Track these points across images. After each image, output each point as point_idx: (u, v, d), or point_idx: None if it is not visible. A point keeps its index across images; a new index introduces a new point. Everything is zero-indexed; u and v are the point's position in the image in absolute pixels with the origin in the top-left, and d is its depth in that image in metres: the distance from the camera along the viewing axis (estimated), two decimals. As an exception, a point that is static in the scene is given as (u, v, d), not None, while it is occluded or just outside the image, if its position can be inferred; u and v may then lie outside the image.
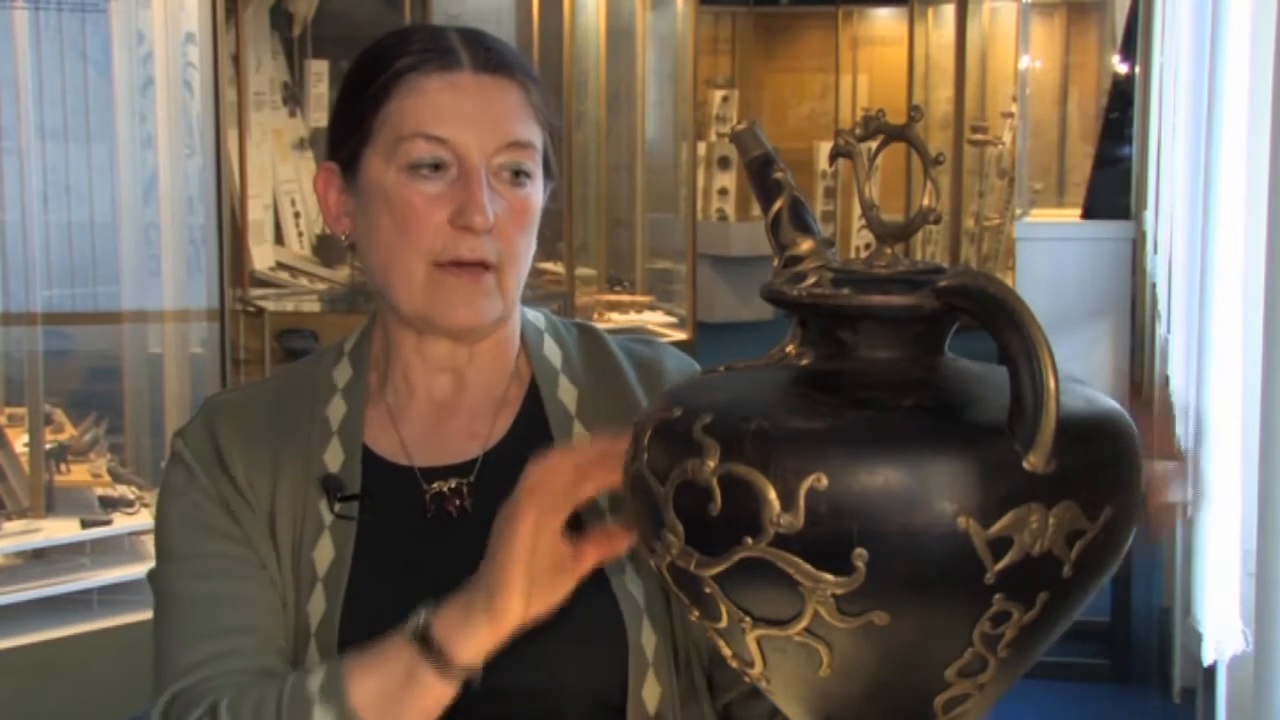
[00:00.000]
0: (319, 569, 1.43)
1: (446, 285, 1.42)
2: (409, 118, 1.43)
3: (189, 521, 1.46)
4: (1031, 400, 0.94)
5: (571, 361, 1.53)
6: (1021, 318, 0.95)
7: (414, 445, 1.49)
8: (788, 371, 1.06)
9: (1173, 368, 4.75)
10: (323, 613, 1.42)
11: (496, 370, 1.51)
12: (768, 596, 0.99)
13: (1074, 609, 1.03)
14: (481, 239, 1.41)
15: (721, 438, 0.99)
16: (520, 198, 1.44)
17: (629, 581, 1.42)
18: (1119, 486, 1.00)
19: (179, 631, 1.44)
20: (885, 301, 1.02)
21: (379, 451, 1.49)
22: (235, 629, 1.43)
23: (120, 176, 4.77)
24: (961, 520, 0.95)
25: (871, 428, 0.97)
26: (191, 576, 1.45)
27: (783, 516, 0.96)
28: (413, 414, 1.51)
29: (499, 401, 1.51)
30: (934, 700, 1.02)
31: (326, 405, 1.50)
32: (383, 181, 1.44)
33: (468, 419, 1.50)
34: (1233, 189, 2.69)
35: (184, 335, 4.86)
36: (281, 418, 1.50)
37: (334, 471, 1.46)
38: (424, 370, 1.50)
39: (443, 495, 1.47)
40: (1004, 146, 11.38)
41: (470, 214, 1.40)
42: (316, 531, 1.45)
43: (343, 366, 1.53)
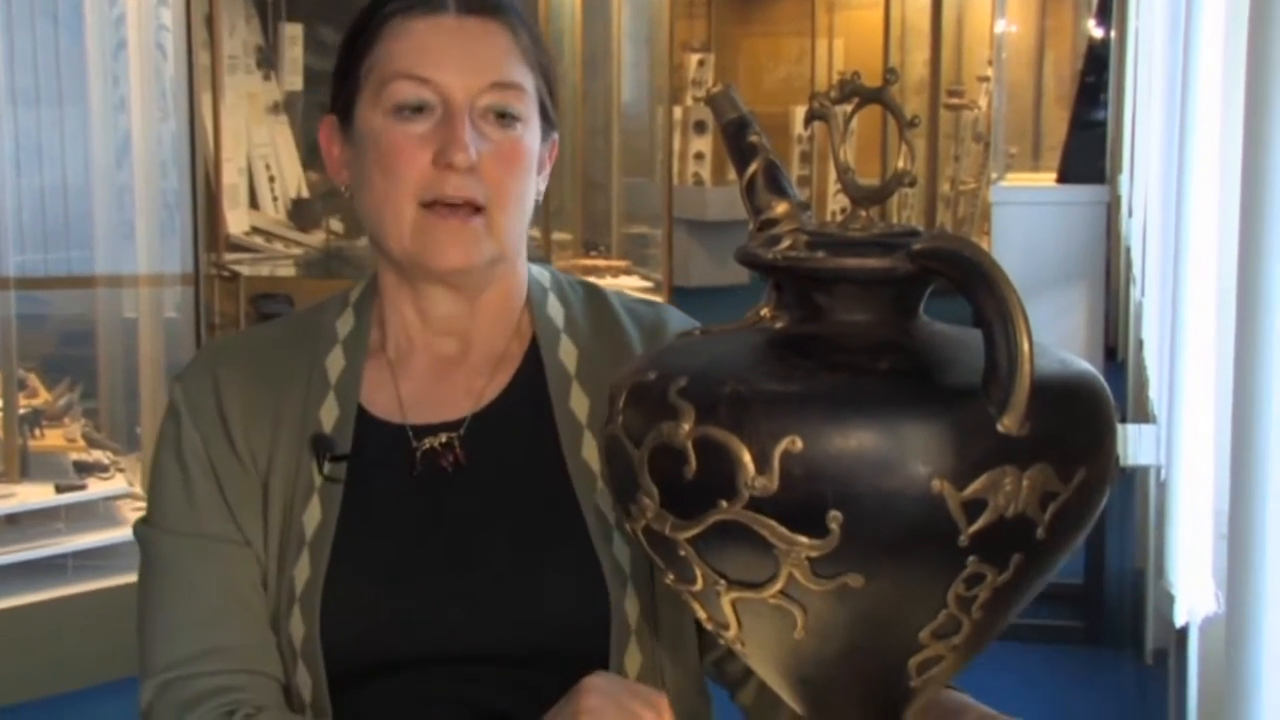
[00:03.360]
0: (307, 532, 1.43)
1: (435, 227, 1.42)
2: (394, 60, 1.43)
3: (179, 494, 1.46)
4: (1006, 363, 0.94)
5: (575, 321, 1.52)
6: (996, 280, 0.95)
7: (410, 403, 1.48)
8: (763, 335, 1.06)
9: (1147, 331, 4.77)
10: (307, 577, 1.42)
11: (500, 326, 1.51)
12: (742, 559, 0.99)
13: (1047, 571, 1.03)
14: (465, 177, 1.40)
15: (696, 401, 0.99)
16: (508, 140, 1.43)
17: (615, 548, 1.42)
18: (1093, 449, 1.01)
19: (166, 611, 1.44)
20: (860, 264, 1.02)
21: (374, 411, 1.48)
22: (223, 620, 1.42)
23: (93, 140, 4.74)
24: (936, 483, 0.95)
25: (846, 391, 0.97)
26: (179, 553, 1.45)
27: (757, 479, 0.96)
28: (413, 371, 1.50)
29: (499, 358, 1.50)
30: (908, 662, 1.03)
31: (327, 356, 1.50)
32: (371, 126, 1.43)
33: (468, 376, 1.50)
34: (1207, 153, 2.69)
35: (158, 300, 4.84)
36: (284, 365, 1.49)
37: (327, 430, 1.46)
38: (425, 332, 1.49)
39: (434, 451, 1.46)
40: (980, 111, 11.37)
41: (451, 151, 1.40)
42: (307, 493, 1.44)
43: (346, 317, 1.52)
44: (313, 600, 1.41)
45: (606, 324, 1.52)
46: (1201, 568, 2.56)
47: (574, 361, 1.49)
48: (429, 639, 1.41)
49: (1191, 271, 2.79)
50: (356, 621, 1.41)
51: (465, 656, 1.39)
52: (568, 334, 1.51)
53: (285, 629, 1.42)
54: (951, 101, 11.53)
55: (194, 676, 1.41)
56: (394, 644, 1.41)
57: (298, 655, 1.42)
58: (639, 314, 1.54)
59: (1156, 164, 4.48)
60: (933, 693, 1.10)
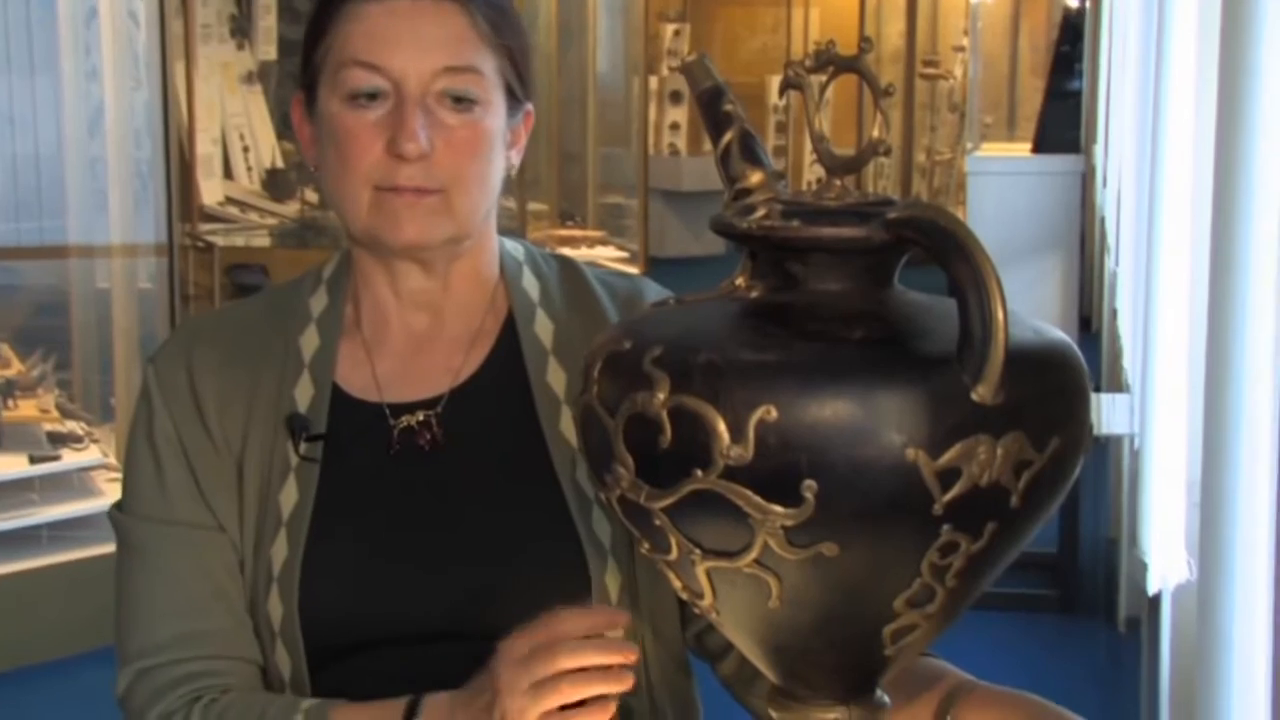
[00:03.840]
0: (283, 513, 1.43)
1: (390, 205, 1.41)
2: (347, 46, 1.42)
3: (152, 480, 1.45)
4: (980, 332, 0.94)
5: (550, 295, 1.51)
6: (970, 249, 0.94)
7: (386, 381, 1.48)
8: (737, 304, 1.06)
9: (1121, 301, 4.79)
10: (285, 558, 1.42)
11: (473, 302, 1.50)
12: (717, 528, 0.99)
13: (1021, 539, 1.03)
14: (417, 166, 1.39)
15: (671, 370, 0.99)
16: (465, 124, 1.41)
17: (595, 523, 1.42)
18: (1067, 418, 1.01)
19: (141, 598, 1.44)
20: (835, 234, 1.02)
21: (350, 390, 1.48)
22: (199, 606, 1.42)
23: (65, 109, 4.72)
24: (910, 452, 0.95)
25: (821, 360, 0.97)
26: (152, 540, 1.44)
27: (732, 448, 0.96)
28: (389, 349, 1.49)
29: (474, 334, 1.49)
30: (882, 630, 1.03)
31: (301, 335, 1.49)
32: (330, 110, 1.43)
33: (444, 353, 1.49)
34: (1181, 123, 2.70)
35: (132, 270, 4.82)
36: (259, 345, 1.48)
37: (302, 410, 1.45)
38: (399, 307, 1.49)
39: (411, 430, 1.46)
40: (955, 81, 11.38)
41: (401, 141, 1.38)
42: (283, 474, 1.44)
43: (320, 294, 1.51)
44: (290, 580, 1.41)
45: (582, 297, 1.51)
46: (1174, 536, 2.57)
47: (550, 336, 1.49)
48: (409, 616, 1.41)
49: (1165, 241, 2.80)
50: (335, 601, 1.41)
51: (445, 633, 1.39)
52: (543, 308, 1.50)
53: (263, 609, 1.42)
54: (927, 71, 11.53)
55: (168, 664, 1.41)
56: (373, 622, 1.41)
57: (276, 635, 1.41)
58: (614, 286, 1.53)
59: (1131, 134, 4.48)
60: (907, 661, 1.11)
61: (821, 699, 1.08)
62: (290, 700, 1.38)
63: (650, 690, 1.44)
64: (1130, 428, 3.98)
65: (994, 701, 1.22)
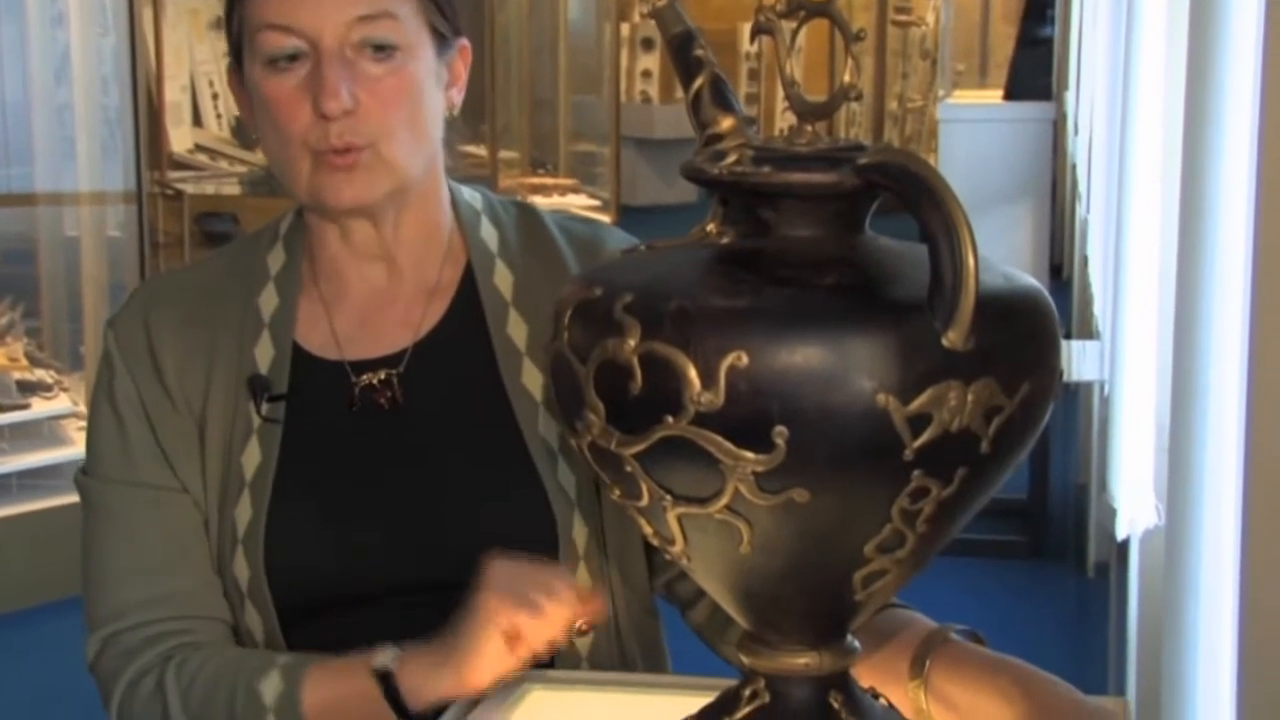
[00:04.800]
0: (246, 474, 1.42)
1: (325, 171, 1.39)
2: (258, 11, 1.40)
3: (115, 442, 1.45)
4: (951, 277, 0.94)
5: (509, 245, 1.50)
6: (941, 195, 0.94)
7: (345, 338, 1.47)
8: (708, 250, 1.06)
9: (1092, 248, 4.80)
10: (249, 519, 1.41)
11: (428, 251, 1.49)
12: (688, 475, 0.99)
13: (991, 485, 1.03)
14: (344, 123, 1.37)
15: (642, 317, 0.98)
16: (388, 72, 1.39)
17: (560, 474, 1.42)
18: (1037, 363, 1.01)
19: (110, 560, 1.43)
20: (806, 179, 1.02)
21: (309, 347, 1.47)
22: (165, 567, 1.42)
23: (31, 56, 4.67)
24: (881, 397, 0.95)
25: (791, 306, 0.97)
26: (116, 502, 1.44)
27: (703, 395, 0.96)
28: (347, 305, 1.48)
29: (432, 287, 1.48)
30: (852, 576, 1.03)
31: (259, 294, 1.48)
32: (254, 77, 1.41)
33: (403, 307, 1.48)
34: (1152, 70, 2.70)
35: (100, 218, 4.79)
36: (218, 305, 1.47)
37: (263, 371, 1.44)
38: (353, 260, 1.48)
39: (371, 388, 1.45)
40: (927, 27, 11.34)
41: (323, 101, 1.37)
42: (246, 435, 1.43)
43: (277, 251, 1.50)
44: (256, 541, 1.41)
45: (541, 245, 1.50)
46: (1143, 481, 2.59)
47: (510, 287, 1.48)
48: (377, 573, 1.41)
49: (1136, 188, 2.80)
50: (302, 560, 1.41)
51: (414, 587, 1.39)
52: (502, 259, 1.49)
53: (230, 571, 1.42)
54: (899, 18, 11.49)
55: (137, 626, 1.41)
56: (342, 579, 1.41)
57: (245, 596, 1.41)
58: (574, 232, 1.52)
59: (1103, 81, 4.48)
60: (878, 606, 1.11)
61: (792, 645, 1.08)
62: (266, 655, 1.38)
63: (619, 635, 1.45)
64: (1100, 374, 4.00)
65: (973, 661, 1.22)
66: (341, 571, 1.41)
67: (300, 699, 1.33)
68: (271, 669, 1.35)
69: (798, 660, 1.08)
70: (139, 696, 1.39)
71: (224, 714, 1.36)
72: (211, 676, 1.37)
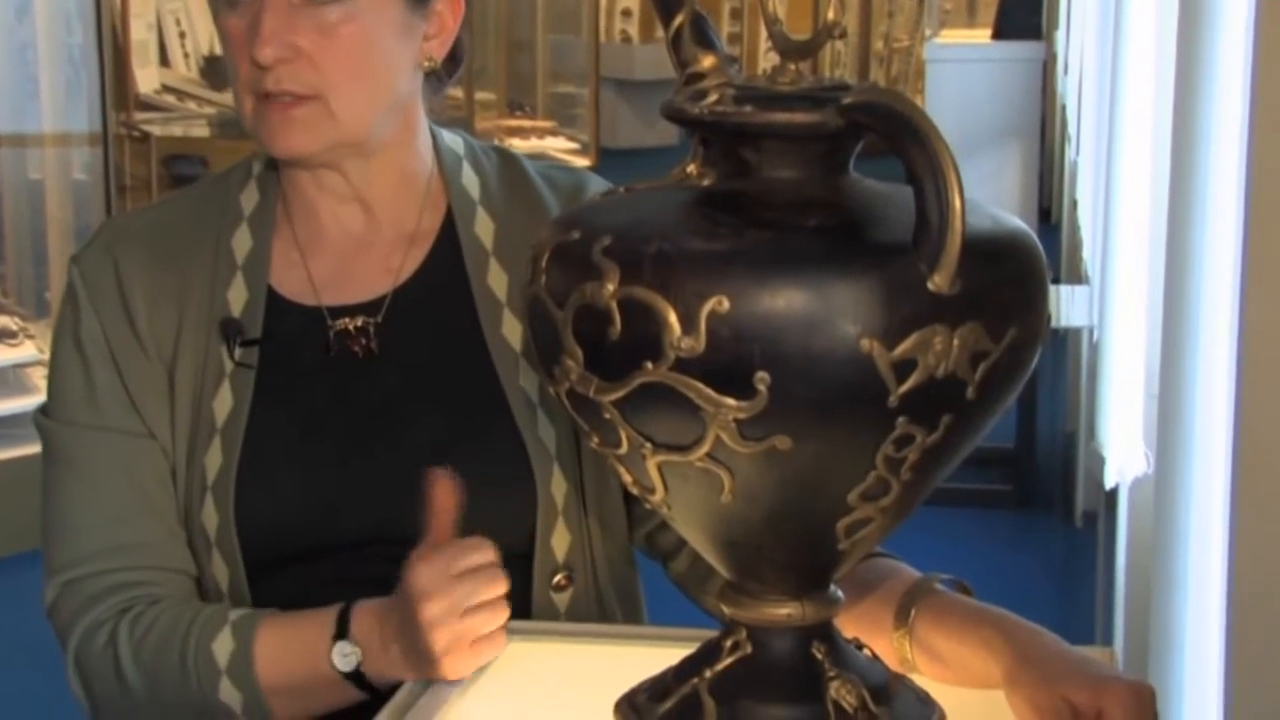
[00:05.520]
0: (218, 419, 1.42)
1: (264, 116, 1.38)
2: None
3: (79, 384, 1.43)
4: (936, 219, 0.94)
5: (490, 192, 1.49)
6: (927, 134, 0.94)
7: (322, 283, 1.46)
8: (689, 192, 1.05)
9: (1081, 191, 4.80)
10: (219, 466, 1.41)
11: (406, 199, 1.47)
12: (668, 422, 0.99)
13: (978, 432, 1.04)
14: (283, 69, 1.35)
15: (621, 260, 0.98)
16: (341, 19, 1.37)
17: (540, 428, 1.42)
18: (1024, 307, 1.01)
19: (71, 506, 1.42)
20: (788, 119, 1.01)
21: (284, 292, 1.46)
22: (127, 516, 1.41)
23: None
24: (865, 342, 0.95)
25: (774, 249, 0.97)
26: (79, 446, 1.43)
27: (683, 340, 0.96)
28: (324, 249, 1.47)
29: (412, 233, 1.47)
30: (836, 524, 1.03)
31: (233, 234, 1.46)
32: (214, 11, 1.41)
33: (383, 253, 1.47)
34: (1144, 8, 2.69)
35: (65, 160, 4.76)
36: (188, 244, 1.46)
37: (235, 314, 1.43)
38: (328, 203, 1.46)
39: (347, 334, 1.45)
40: (914, -35, 11.30)
41: (255, 47, 1.36)
42: (217, 380, 1.42)
43: (250, 191, 1.48)
44: (226, 489, 1.40)
45: (523, 193, 1.49)
46: (1132, 429, 2.60)
47: (491, 236, 1.47)
48: (348, 523, 1.41)
49: (1127, 130, 2.80)
50: (272, 509, 1.41)
51: (386, 539, 1.39)
52: (484, 206, 1.48)
53: (198, 519, 1.41)
54: (885, -45, 11.44)
55: (96, 575, 1.41)
56: (312, 530, 1.41)
57: (212, 545, 1.41)
58: (556, 180, 1.51)
59: (1093, 20, 4.47)
60: (861, 555, 1.12)
61: (774, 594, 1.09)
62: (219, 611, 1.38)
63: (597, 585, 1.45)
64: (1089, 320, 4.00)
65: (959, 611, 1.22)
66: (312, 521, 1.40)
67: (253, 661, 1.34)
68: (224, 625, 1.35)
69: (780, 610, 1.09)
70: (94, 648, 1.39)
71: (177, 671, 1.36)
72: (163, 633, 1.37)
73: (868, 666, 1.13)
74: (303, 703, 1.35)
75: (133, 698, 1.38)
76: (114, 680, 1.38)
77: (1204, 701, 1.61)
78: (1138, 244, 2.66)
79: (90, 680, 1.40)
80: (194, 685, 1.35)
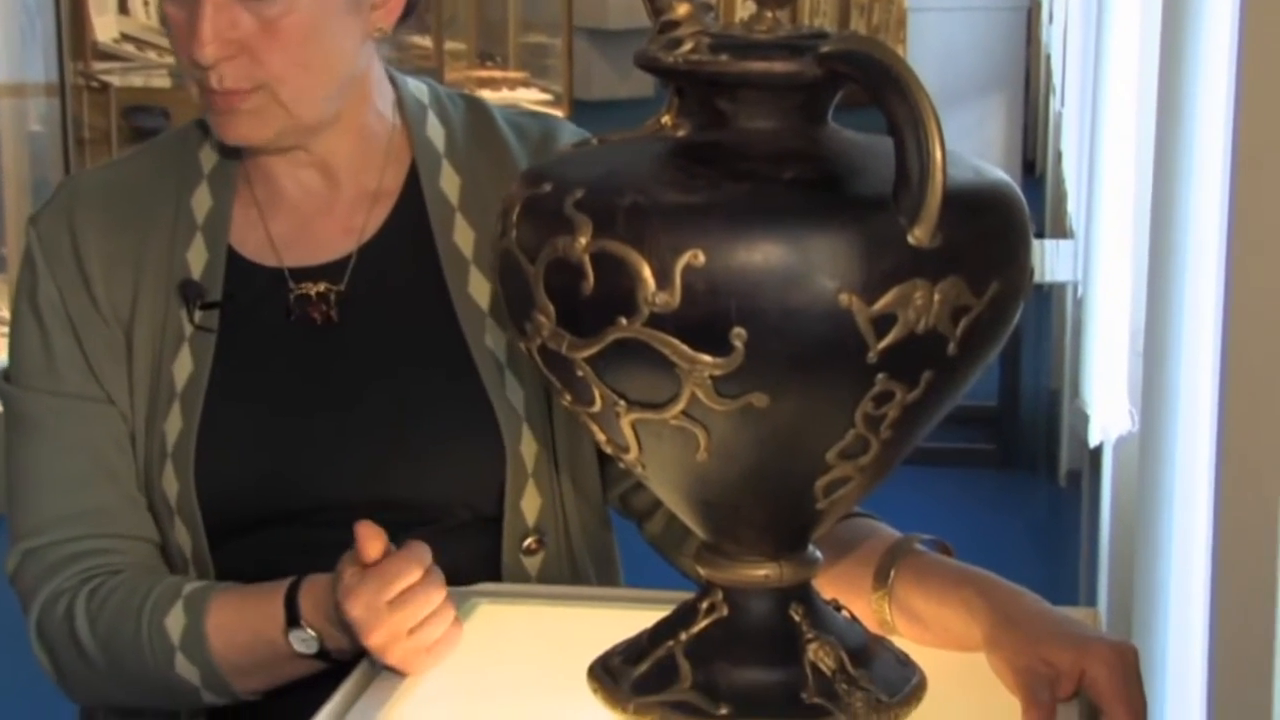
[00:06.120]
0: (177, 384, 1.41)
1: (212, 106, 1.37)
2: None
3: (37, 349, 1.43)
4: (917, 171, 0.94)
5: (456, 144, 1.48)
6: (908, 84, 0.94)
7: (283, 243, 1.45)
8: (663, 143, 1.05)
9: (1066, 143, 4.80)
10: (179, 431, 1.40)
11: (368, 158, 1.46)
12: (643, 379, 0.99)
13: (959, 388, 1.04)
14: (222, 69, 1.34)
15: (594, 213, 0.98)
16: (278, 14, 1.34)
17: (508, 389, 1.41)
18: (1007, 260, 1.01)
19: (31, 471, 1.42)
20: (765, 68, 1.01)
21: (245, 253, 1.45)
22: (87, 483, 1.41)
23: (-58, -63, 4.59)
24: (843, 297, 0.95)
25: (750, 201, 0.97)
26: (38, 412, 1.43)
27: (658, 295, 0.96)
28: (284, 208, 1.46)
29: (375, 191, 1.47)
30: (814, 483, 1.04)
31: (193, 193, 1.46)
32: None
33: (344, 213, 1.46)
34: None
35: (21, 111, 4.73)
36: (147, 204, 1.45)
37: (195, 276, 1.43)
38: (286, 167, 1.46)
39: (308, 299, 1.44)
40: (896, -90, 11.27)
41: (194, 49, 1.34)
42: (177, 343, 1.42)
43: (209, 149, 1.48)
44: (186, 455, 1.40)
45: (490, 144, 1.48)
46: (1117, 386, 2.61)
47: (457, 191, 1.46)
48: (313, 489, 1.40)
49: (1113, 81, 2.80)
50: (234, 475, 1.40)
51: (351, 506, 1.39)
52: (449, 160, 1.47)
53: (158, 486, 1.41)
54: (867, -100, 11.40)
55: (57, 544, 1.41)
56: (276, 495, 1.40)
57: (174, 512, 1.41)
58: (524, 128, 1.50)
59: (1079, -33, 4.46)
60: (839, 515, 1.12)
61: (751, 555, 1.09)
62: (173, 585, 1.38)
63: (570, 547, 1.45)
64: (1074, 275, 4.01)
65: (939, 572, 1.22)
66: (275, 487, 1.40)
67: (205, 637, 1.34)
68: (177, 600, 1.35)
69: (757, 571, 1.09)
70: (53, 618, 1.40)
71: (132, 645, 1.37)
72: (118, 607, 1.37)
73: (846, 628, 1.13)
74: (265, 678, 1.35)
75: (94, 668, 1.39)
76: (74, 651, 1.39)
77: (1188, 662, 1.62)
78: (1123, 197, 2.66)
79: (53, 649, 1.41)
80: (150, 660, 1.36)
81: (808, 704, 1.07)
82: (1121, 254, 2.67)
